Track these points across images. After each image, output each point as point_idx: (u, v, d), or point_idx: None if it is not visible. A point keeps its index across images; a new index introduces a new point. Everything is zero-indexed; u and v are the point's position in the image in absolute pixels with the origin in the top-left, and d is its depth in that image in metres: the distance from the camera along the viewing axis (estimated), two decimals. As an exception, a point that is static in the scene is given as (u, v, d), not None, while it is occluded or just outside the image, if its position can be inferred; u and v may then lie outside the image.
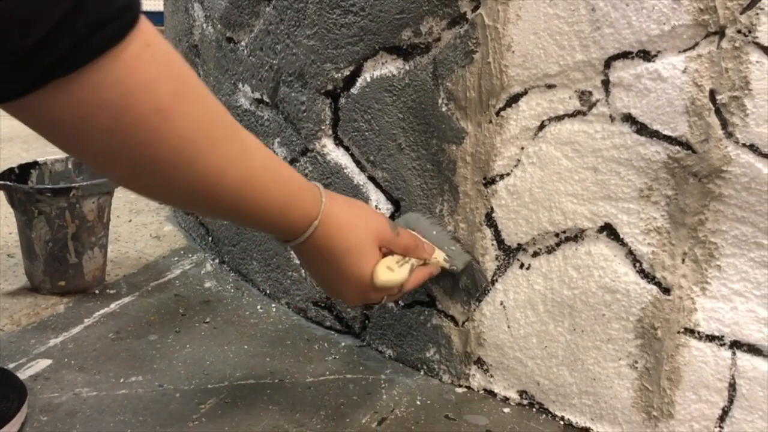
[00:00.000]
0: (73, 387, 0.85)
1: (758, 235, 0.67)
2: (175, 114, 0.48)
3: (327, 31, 0.90)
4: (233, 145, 0.55)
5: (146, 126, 0.47)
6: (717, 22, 0.64)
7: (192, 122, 0.50)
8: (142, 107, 0.46)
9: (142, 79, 0.46)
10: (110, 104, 0.45)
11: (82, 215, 1.09)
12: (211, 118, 0.53)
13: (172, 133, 0.48)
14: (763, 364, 0.69)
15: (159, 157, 0.49)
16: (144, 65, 0.45)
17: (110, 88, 0.44)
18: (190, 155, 0.51)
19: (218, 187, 0.55)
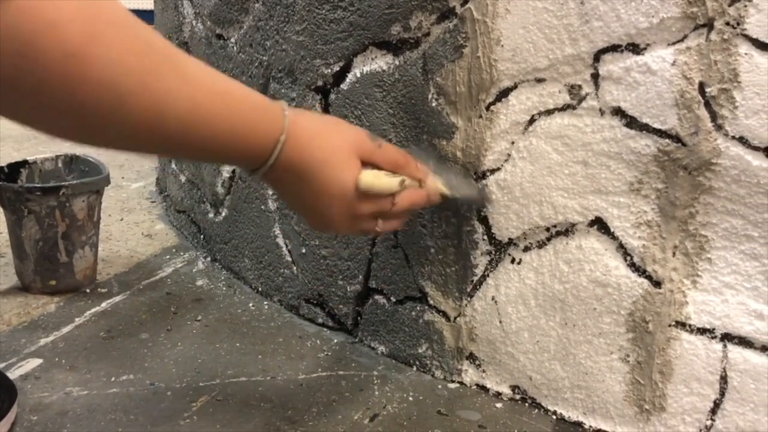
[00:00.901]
0: (63, 386, 0.85)
1: (748, 227, 0.67)
2: (90, 56, 0.44)
3: (316, 27, 0.89)
4: (171, 75, 0.51)
5: (57, 71, 0.43)
6: (705, 15, 0.64)
7: (112, 63, 0.46)
8: (49, 53, 0.42)
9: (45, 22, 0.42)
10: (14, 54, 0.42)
11: (72, 214, 1.08)
12: (138, 52, 0.48)
13: (89, 76, 0.45)
14: (754, 356, 0.69)
15: (80, 102, 0.46)
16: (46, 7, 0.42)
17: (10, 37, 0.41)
18: (116, 97, 0.47)
19: (158, 125, 0.51)
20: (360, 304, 0.96)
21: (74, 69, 0.44)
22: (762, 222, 0.66)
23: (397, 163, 0.69)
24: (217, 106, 0.55)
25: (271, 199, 1.04)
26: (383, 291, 0.93)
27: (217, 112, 0.55)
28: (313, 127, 0.63)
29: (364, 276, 0.94)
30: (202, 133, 0.54)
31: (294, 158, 0.61)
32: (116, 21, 0.47)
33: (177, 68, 0.52)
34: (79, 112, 0.46)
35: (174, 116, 0.51)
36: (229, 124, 0.56)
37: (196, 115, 0.53)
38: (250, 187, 1.08)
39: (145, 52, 0.49)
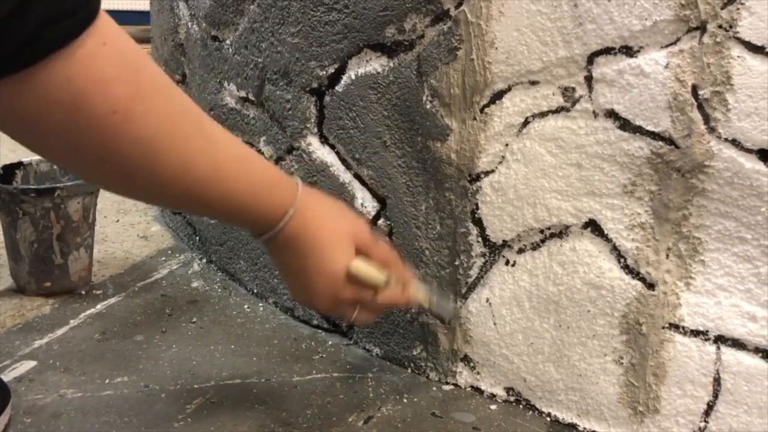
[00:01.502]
0: (57, 388, 0.85)
1: (741, 229, 0.67)
2: (133, 115, 0.47)
3: (311, 29, 0.89)
4: (197, 140, 0.55)
5: (101, 126, 0.46)
6: (698, 17, 0.64)
7: (151, 122, 0.49)
8: (97, 108, 0.45)
9: (95, 79, 0.45)
10: (63, 103, 0.44)
11: (67, 216, 1.08)
12: (173, 114, 0.52)
13: (129, 133, 0.48)
14: (747, 358, 0.69)
15: (117, 155, 0.49)
16: (98, 64, 0.45)
17: (62, 87, 0.43)
18: (150, 154, 0.50)
19: (182, 182, 0.54)
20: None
21: (117, 125, 0.47)
22: (755, 224, 0.66)
23: (388, 260, 0.72)
24: (236, 171, 0.59)
25: (266, 200, 1.04)
26: (378, 293, 0.93)
27: (237, 177, 0.59)
28: (321, 208, 0.67)
29: (359, 278, 0.94)
30: (218, 194, 0.58)
31: (297, 233, 0.65)
32: (156, 84, 0.51)
33: (204, 132, 0.56)
34: (115, 162, 0.49)
35: (196, 176, 0.55)
36: (245, 190, 0.60)
37: (216, 177, 0.57)
38: (245, 189, 1.08)
39: (179, 114, 0.53)
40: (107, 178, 0.53)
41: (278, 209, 0.63)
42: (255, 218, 0.63)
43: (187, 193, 0.55)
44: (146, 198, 0.61)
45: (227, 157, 0.58)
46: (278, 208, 0.63)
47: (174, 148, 0.52)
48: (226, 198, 0.59)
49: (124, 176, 0.52)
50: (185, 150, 0.53)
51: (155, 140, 0.50)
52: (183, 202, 0.58)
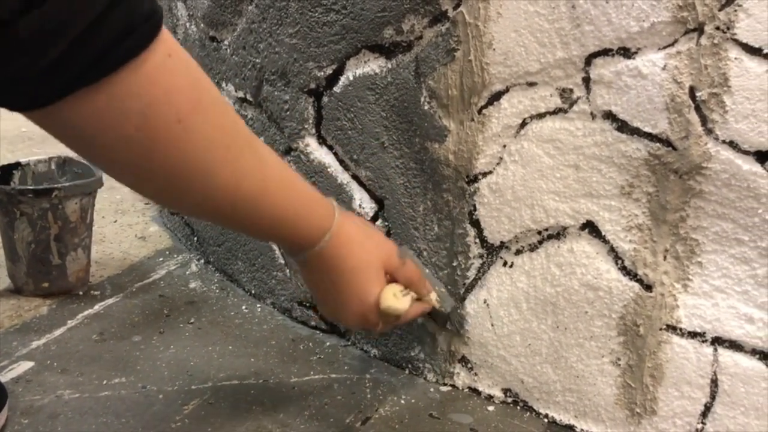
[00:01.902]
0: (55, 389, 0.85)
1: (738, 231, 0.67)
2: (194, 124, 0.49)
3: (309, 30, 0.89)
4: (249, 155, 0.56)
5: (166, 135, 0.48)
6: (696, 19, 0.64)
7: (210, 132, 0.51)
8: (163, 117, 0.47)
9: (163, 89, 0.46)
10: (133, 113, 0.45)
11: (65, 216, 1.08)
12: (228, 128, 0.53)
13: (191, 143, 0.49)
14: (744, 360, 0.69)
15: (177, 166, 0.50)
16: (166, 75, 0.46)
17: (134, 98, 0.45)
18: (208, 165, 0.52)
19: (234, 197, 0.55)
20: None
21: (180, 135, 0.48)
22: (752, 226, 0.67)
23: (412, 281, 0.75)
24: (282, 191, 0.60)
25: (264, 201, 1.04)
26: (376, 294, 0.93)
27: (283, 197, 0.61)
28: (355, 234, 0.69)
29: (357, 279, 0.94)
30: (264, 213, 0.59)
31: (331, 255, 0.67)
32: (214, 97, 0.52)
33: (256, 149, 0.58)
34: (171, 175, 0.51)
35: (248, 192, 0.56)
36: (290, 209, 0.62)
37: (265, 195, 0.58)
38: (243, 190, 1.08)
39: (232, 129, 0.54)
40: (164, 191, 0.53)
41: (317, 231, 0.65)
42: (294, 238, 0.65)
43: (234, 208, 0.57)
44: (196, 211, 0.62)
45: (275, 176, 0.59)
46: (317, 230, 0.65)
47: (229, 162, 0.53)
48: (270, 216, 0.60)
49: (180, 189, 0.53)
50: (239, 164, 0.54)
51: (213, 152, 0.51)
52: (229, 217, 0.59)
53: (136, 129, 0.46)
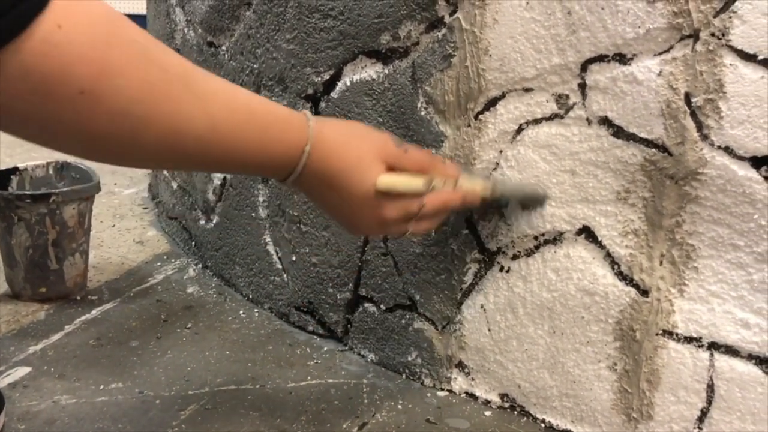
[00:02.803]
0: (52, 395, 0.85)
1: (734, 236, 0.67)
2: (103, 91, 0.45)
3: (306, 36, 0.90)
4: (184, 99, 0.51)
5: (72, 108, 0.45)
6: (691, 26, 0.64)
7: (123, 95, 0.47)
8: (62, 92, 0.44)
9: (55, 65, 0.43)
10: (26, 94, 0.43)
11: (63, 221, 1.08)
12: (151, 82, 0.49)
13: (103, 110, 0.46)
14: (740, 365, 0.69)
15: (98, 133, 0.47)
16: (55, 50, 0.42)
17: (21, 79, 0.42)
18: (133, 126, 0.48)
19: (179, 145, 0.52)
20: (350, 311, 0.96)
21: (86, 106, 0.45)
22: (747, 231, 0.67)
23: (423, 165, 0.67)
24: (237, 121, 0.55)
25: (262, 206, 1.04)
26: (373, 299, 0.93)
27: (238, 128, 0.55)
28: (338, 136, 0.63)
29: (354, 283, 0.94)
30: (223, 149, 0.55)
31: (320, 167, 0.61)
32: (130, 54, 0.47)
33: (193, 89, 0.52)
34: (95, 142, 0.48)
35: (193, 136, 0.52)
36: (252, 138, 0.57)
37: (216, 133, 0.54)
38: (240, 195, 1.08)
39: (159, 79, 0.49)
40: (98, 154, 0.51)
41: (292, 150, 0.60)
42: (271, 164, 0.60)
43: (185, 155, 0.53)
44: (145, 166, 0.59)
45: (225, 110, 0.54)
46: (292, 149, 0.60)
47: (159, 115, 0.49)
48: (232, 152, 0.56)
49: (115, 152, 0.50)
50: (171, 113, 0.50)
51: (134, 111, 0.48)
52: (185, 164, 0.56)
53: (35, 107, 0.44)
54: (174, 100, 0.50)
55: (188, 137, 0.52)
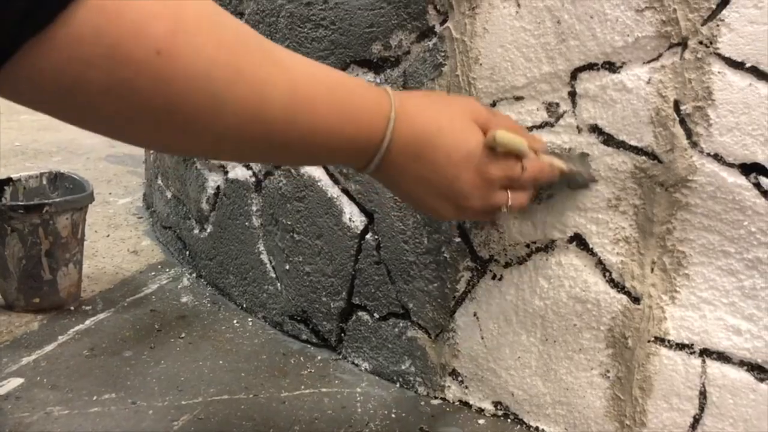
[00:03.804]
0: (44, 406, 0.84)
1: (725, 243, 0.68)
2: (178, 52, 0.41)
3: (298, 45, 0.90)
4: (264, 65, 0.47)
5: (146, 71, 0.41)
6: (679, 34, 0.65)
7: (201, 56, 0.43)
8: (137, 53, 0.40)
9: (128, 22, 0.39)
10: (98, 58, 0.39)
11: (56, 231, 1.08)
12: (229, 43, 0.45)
13: (181, 71, 0.42)
14: (732, 371, 0.69)
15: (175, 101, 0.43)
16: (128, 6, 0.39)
17: (92, 41, 0.38)
18: (211, 91, 0.44)
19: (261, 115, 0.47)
20: (344, 320, 0.96)
21: (164, 66, 0.41)
22: (738, 238, 0.67)
23: (516, 129, 0.64)
24: (318, 90, 0.51)
25: (255, 215, 1.05)
26: (366, 307, 0.93)
27: (320, 97, 0.51)
28: (422, 102, 0.59)
29: (348, 292, 0.94)
30: (307, 121, 0.50)
31: (409, 134, 0.56)
32: (203, 13, 0.44)
33: (271, 56, 0.48)
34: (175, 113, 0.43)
35: (276, 104, 0.48)
36: (335, 108, 0.52)
37: (299, 102, 0.49)
38: (234, 204, 1.08)
39: (237, 42, 0.46)
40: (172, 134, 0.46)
41: (377, 118, 0.55)
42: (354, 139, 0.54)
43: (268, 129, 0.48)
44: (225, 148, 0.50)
45: (307, 77, 0.50)
46: (377, 117, 0.55)
47: (239, 79, 0.45)
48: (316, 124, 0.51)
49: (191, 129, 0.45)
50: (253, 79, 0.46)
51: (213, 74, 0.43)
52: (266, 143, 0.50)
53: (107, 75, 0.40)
54: (253, 67, 0.46)
55: (271, 105, 0.47)
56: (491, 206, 0.64)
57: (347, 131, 0.53)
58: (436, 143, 0.57)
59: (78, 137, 2.35)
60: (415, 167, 0.58)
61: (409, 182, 0.59)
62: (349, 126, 0.53)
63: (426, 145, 0.57)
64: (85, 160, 2.09)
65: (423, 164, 0.58)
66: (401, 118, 0.56)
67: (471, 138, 0.59)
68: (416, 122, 0.57)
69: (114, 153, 2.20)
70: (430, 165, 0.58)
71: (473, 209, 0.63)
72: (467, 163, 0.58)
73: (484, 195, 0.61)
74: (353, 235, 0.90)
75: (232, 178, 1.08)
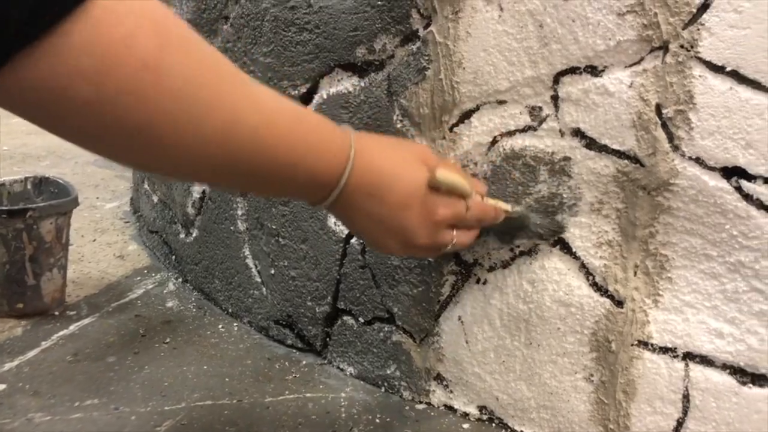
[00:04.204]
0: (26, 412, 0.84)
1: (707, 246, 0.68)
2: (165, 67, 0.42)
3: (283, 49, 0.90)
4: (240, 90, 0.49)
5: (134, 87, 0.41)
6: (660, 38, 0.65)
7: (187, 74, 0.44)
8: (125, 66, 0.40)
9: (118, 35, 0.40)
10: (87, 70, 0.39)
11: (40, 236, 1.07)
12: (209, 63, 0.46)
13: (167, 87, 0.43)
14: (715, 374, 0.69)
15: (156, 120, 0.43)
16: (118, 18, 0.40)
17: (83, 52, 0.39)
18: (193, 109, 0.45)
19: (232, 138, 0.48)
20: (329, 325, 0.96)
21: (151, 80, 0.42)
22: (720, 241, 0.67)
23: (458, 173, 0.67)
24: (286, 120, 0.53)
25: (240, 219, 1.04)
26: (351, 312, 0.92)
27: (288, 127, 0.53)
28: (379, 143, 0.63)
29: (333, 296, 0.94)
30: (274, 148, 0.52)
31: (365, 172, 0.59)
32: (185, 35, 0.45)
33: (243, 83, 0.50)
34: (155, 128, 0.44)
35: (247, 130, 0.49)
36: (301, 138, 0.54)
37: (268, 130, 0.51)
38: (219, 208, 1.08)
39: (216, 65, 0.47)
40: (148, 150, 0.46)
41: (338, 155, 0.57)
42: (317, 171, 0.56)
43: (237, 152, 0.49)
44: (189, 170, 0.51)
45: (275, 107, 0.52)
46: (338, 155, 0.57)
47: (219, 100, 0.46)
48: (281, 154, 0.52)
49: (167, 145, 0.45)
50: (231, 101, 0.47)
51: (196, 93, 0.44)
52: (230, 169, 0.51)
53: (95, 87, 0.40)
54: (230, 88, 0.48)
55: (244, 130, 0.49)
56: (437, 244, 0.67)
57: (310, 163, 0.55)
58: (390, 183, 0.61)
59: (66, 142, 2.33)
60: (368, 204, 0.61)
61: (363, 218, 0.62)
62: (312, 158, 0.55)
63: (380, 184, 0.60)
64: (74, 164, 2.08)
65: (375, 202, 0.61)
66: (360, 156, 0.58)
67: (420, 175, 0.62)
68: (373, 161, 0.60)
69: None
70: (382, 203, 0.61)
71: (420, 246, 0.66)
72: (415, 198, 0.62)
73: (430, 234, 0.64)
74: (338, 239, 0.90)
75: (217, 183, 1.07)
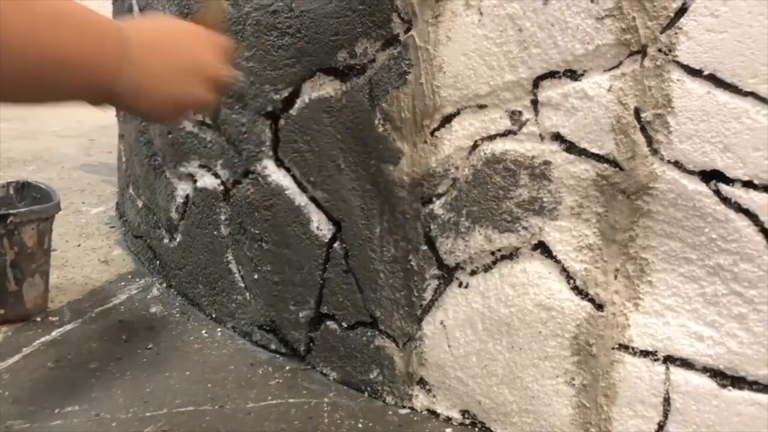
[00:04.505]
0: (4, 420, 0.83)
1: (687, 250, 0.68)
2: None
3: (265, 53, 0.90)
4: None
5: None
6: (639, 42, 0.65)
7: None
8: None
9: None
10: None
11: (21, 242, 1.06)
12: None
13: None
14: (695, 377, 0.69)
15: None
16: None
17: None
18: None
19: (33, 40, 0.51)
20: (312, 329, 0.95)
21: None
22: (699, 245, 0.67)
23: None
24: (76, 10, 0.55)
25: (224, 224, 1.04)
26: (335, 316, 0.92)
27: (79, 15, 0.55)
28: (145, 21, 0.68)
29: (316, 301, 0.93)
30: (73, 39, 0.54)
31: (148, 32, 0.61)
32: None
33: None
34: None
35: (45, 27, 0.51)
36: (92, 22, 0.56)
37: (63, 22, 0.53)
38: (203, 213, 1.07)
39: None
40: None
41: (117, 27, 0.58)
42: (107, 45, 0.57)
43: (41, 53, 0.52)
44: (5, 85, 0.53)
45: (63, 3, 0.55)
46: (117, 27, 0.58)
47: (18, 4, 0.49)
48: (81, 39, 0.55)
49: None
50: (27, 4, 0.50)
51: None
52: (38, 69, 0.53)
53: None
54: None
55: (42, 28, 0.51)
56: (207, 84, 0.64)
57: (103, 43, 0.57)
58: (174, 31, 0.64)
59: (53, 146, 2.32)
60: (161, 56, 0.62)
61: (162, 71, 0.62)
62: (100, 37, 0.57)
63: (162, 31, 0.63)
64: (60, 168, 2.06)
65: (167, 50, 0.62)
66: (136, 23, 0.62)
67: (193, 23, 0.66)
68: (150, 24, 0.63)
69: (89, 162, 2.17)
70: (171, 40, 0.63)
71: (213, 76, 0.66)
72: (197, 35, 0.64)
73: (212, 62, 0.64)
74: (321, 243, 0.90)
75: (200, 187, 1.07)
